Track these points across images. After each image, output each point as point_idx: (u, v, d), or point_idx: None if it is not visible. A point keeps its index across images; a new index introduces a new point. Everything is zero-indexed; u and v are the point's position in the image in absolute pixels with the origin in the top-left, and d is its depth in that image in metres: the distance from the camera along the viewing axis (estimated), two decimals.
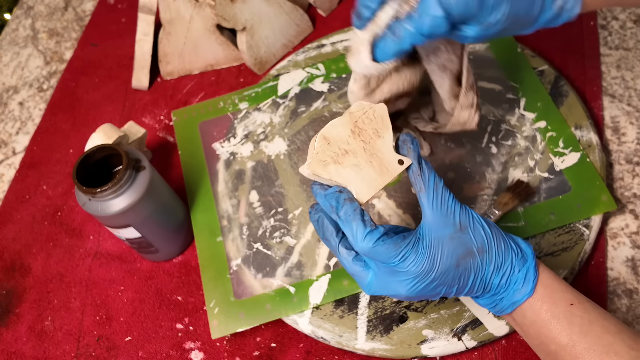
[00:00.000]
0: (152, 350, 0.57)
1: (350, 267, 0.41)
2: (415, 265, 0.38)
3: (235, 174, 0.65)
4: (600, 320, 0.38)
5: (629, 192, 0.59)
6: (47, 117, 0.78)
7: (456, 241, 0.39)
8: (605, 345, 0.37)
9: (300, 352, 0.55)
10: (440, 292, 0.40)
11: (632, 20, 0.71)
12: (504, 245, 0.40)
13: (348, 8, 0.80)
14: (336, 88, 0.70)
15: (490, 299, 0.41)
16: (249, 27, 0.72)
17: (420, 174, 0.40)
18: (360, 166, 0.41)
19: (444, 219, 0.39)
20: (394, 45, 0.40)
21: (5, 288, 0.64)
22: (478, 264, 0.39)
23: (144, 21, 0.74)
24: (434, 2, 0.37)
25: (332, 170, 0.41)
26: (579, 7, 0.39)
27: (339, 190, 0.40)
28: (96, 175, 0.54)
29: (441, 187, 0.40)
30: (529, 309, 0.40)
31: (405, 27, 0.39)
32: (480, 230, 0.40)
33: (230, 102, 0.71)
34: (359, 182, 0.41)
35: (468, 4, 0.37)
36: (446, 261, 0.39)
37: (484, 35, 0.40)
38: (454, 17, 0.38)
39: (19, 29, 0.90)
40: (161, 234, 0.58)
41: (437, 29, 0.38)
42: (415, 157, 0.40)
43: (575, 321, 0.38)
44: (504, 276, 0.40)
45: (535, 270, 0.40)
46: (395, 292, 0.40)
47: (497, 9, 0.38)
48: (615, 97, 0.65)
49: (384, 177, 0.41)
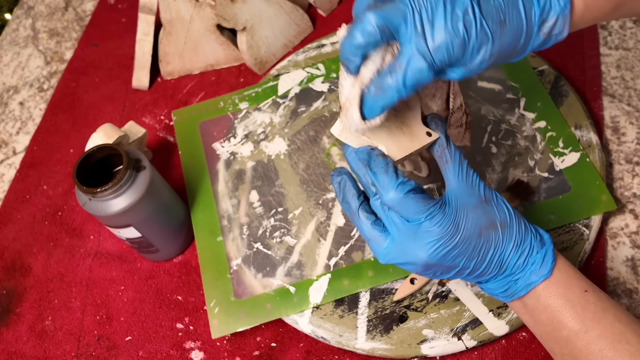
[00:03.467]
0: (153, 350, 0.57)
1: (368, 232, 0.41)
2: (440, 226, 0.39)
3: (236, 174, 0.65)
4: (613, 309, 0.39)
5: (629, 192, 0.59)
6: (48, 117, 0.78)
7: (480, 211, 0.39)
8: (617, 334, 0.37)
9: (300, 351, 0.55)
10: (459, 264, 0.40)
11: (632, 20, 0.71)
12: (525, 227, 0.41)
13: (348, 8, 0.80)
14: (336, 88, 0.70)
15: (504, 280, 0.41)
16: (249, 27, 0.72)
17: (447, 147, 0.41)
18: (391, 129, 0.42)
19: (469, 189, 0.40)
20: (380, 100, 0.38)
21: (5, 288, 0.64)
22: (499, 238, 0.40)
23: (144, 21, 0.74)
24: (415, 53, 0.36)
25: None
26: (567, 30, 0.38)
27: (371, 148, 0.41)
28: (96, 175, 0.54)
29: (466, 163, 0.41)
30: (544, 292, 0.40)
31: (389, 82, 0.37)
32: (503, 206, 0.41)
33: (231, 102, 0.71)
34: (390, 142, 0.41)
35: (450, 51, 0.36)
36: (470, 227, 0.39)
37: (470, 75, 0.39)
38: (437, 65, 0.36)
39: (19, 29, 0.91)
40: (161, 234, 0.59)
41: (421, 80, 0.37)
42: (443, 132, 0.42)
43: (589, 307, 0.39)
44: (522, 255, 0.40)
45: (554, 254, 0.40)
46: (413, 259, 0.40)
47: (481, 49, 0.36)
48: (615, 97, 0.65)
49: (414, 143, 0.42)
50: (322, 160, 0.65)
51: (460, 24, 0.35)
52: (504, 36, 0.36)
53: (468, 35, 0.35)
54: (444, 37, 0.35)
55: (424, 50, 0.36)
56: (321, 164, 0.64)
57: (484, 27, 0.36)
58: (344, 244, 0.58)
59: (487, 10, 0.36)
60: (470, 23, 0.35)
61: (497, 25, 0.36)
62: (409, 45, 0.36)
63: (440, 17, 0.35)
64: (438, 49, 0.36)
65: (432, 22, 0.35)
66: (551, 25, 0.37)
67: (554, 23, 0.37)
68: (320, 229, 0.60)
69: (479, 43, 0.36)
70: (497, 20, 0.36)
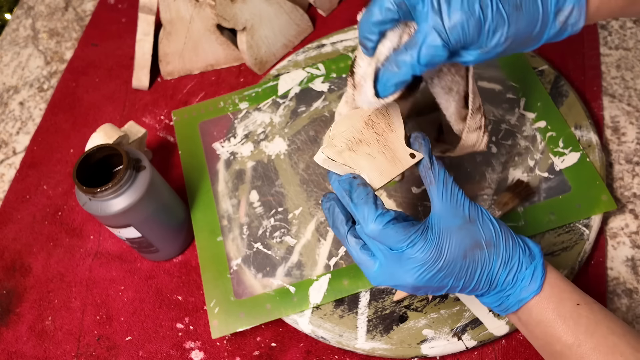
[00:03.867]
0: (153, 350, 0.57)
1: (358, 256, 0.42)
2: (423, 252, 0.39)
3: (236, 174, 0.65)
4: (606, 321, 0.38)
5: (629, 191, 0.59)
6: (48, 117, 0.78)
7: (464, 232, 0.39)
8: (610, 346, 0.37)
9: (300, 351, 0.55)
10: (447, 284, 0.40)
11: (632, 20, 0.71)
12: (512, 242, 0.40)
13: (348, 8, 0.80)
14: (336, 88, 0.70)
15: (496, 296, 0.41)
16: (249, 27, 0.72)
17: (430, 168, 0.41)
18: (373, 155, 0.42)
19: (453, 210, 0.40)
20: (394, 77, 0.39)
21: (5, 288, 0.64)
22: (485, 257, 0.39)
23: (144, 21, 0.74)
24: (431, 31, 0.37)
25: (346, 156, 0.42)
26: (583, 20, 0.38)
27: (353, 177, 0.42)
28: (96, 175, 0.54)
29: (451, 182, 0.41)
30: (535, 308, 0.40)
31: (404, 58, 0.38)
32: (489, 224, 0.40)
33: (231, 102, 0.71)
34: (372, 169, 0.42)
35: (466, 30, 0.36)
36: (454, 250, 0.39)
37: (486, 59, 0.39)
38: (452, 44, 0.37)
39: (19, 29, 0.91)
40: (161, 234, 0.59)
41: (435, 57, 0.37)
42: (426, 152, 0.42)
43: (581, 321, 0.38)
44: (510, 272, 0.40)
45: (543, 269, 0.40)
46: (401, 282, 0.40)
47: (497, 32, 0.37)
48: (615, 97, 0.65)
49: (396, 167, 0.42)
50: None
51: (476, 4, 0.36)
52: (519, 20, 0.37)
53: (484, 16, 0.36)
54: (460, 16, 0.36)
55: (439, 28, 0.36)
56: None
57: (500, 9, 0.36)
58: None
59: None
60: (486, 4, 0.36)
61: (513, 8, 0.36)
62: (425, 23, 0.37)
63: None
64: (454, 27, 0.36)
65: (448, 1, 0.36)
66: (567, 14, 0.38)
67: (569, 12, 0.38)
68: (320, 229, 0.60)
69: (494, 25, 0.37)
70: (513, 4, 0.36)
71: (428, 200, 0.59)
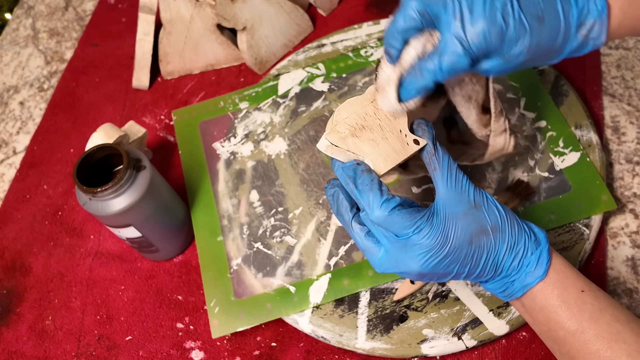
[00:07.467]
0: (153, 350, 0.57)
1: (362, 243, 0.42)
2: (429, 238, 0.39)
3: (236, 174, 0.66)
4: (611, 308, 0.38)
5: (629, 191, 0.59)
6: (48, 117, 0.78)
7: (470, 217, 0.39)
8: (614, 333, 0.37)
9: (300, 351, 0.55)
10: (453, 270, 0.40)
11: None
12: (517, 227, 0.40)
13: (348, 8, 0.80)
14: (336, 88, 0.70)
15: (501, 281, 0.41)
16: (249, 26, 0.72)
17: (434, 154, 0.41)
18: (377, 141, 0.42)
19: (458, 196, 0.40)
20: (417, 82, 0.40)
21: (6, 287, 0.64)
22: (491, 243, 0.39)
23: (145, 21, 0.74)
24: (452, 39, 0.37)
25: (349, 142, 0.42)
26: (604, 35, 0.39)
27: (357, 163, 0.42)
28: (97, 174, 0.54)
29: (455, 167, 0.41)
30: (539, 293, 0.40)
31: (426, 65, 0.39)
32: (494, 209, 0.40)
33: (231, 101, 0.71)
34: (375, 155, 0.42)
35: (488, 38, 0.37)
36: (460, 236, 0.39)
37: (507, 69, 0.40)
38: (475, 52, 0.38)
39: (19, 29, 0.91)
40: (162, 234, 0.59)
41: (458, 65, 0.38)
42: (430, 138, 0.42)
43: (585, 308, 0.38)
44: (516, 257, 0.40)
45: (549, 254, 0.40)
46: (407, 269, 0.40)
47: (519, 41, 0.38)
48: (616, 96, 0.65)
49: (400, 153, 0.42)
50: (322, 159, 0.65)
51: (498, 13, 0.37)
52: (542, 31, 0.38)
53: (506, 25, 0.37)
54: (482, 24, 0.37)
55: (461, 36, 0.37)
56: (321, 163, 0.64)
57: (522, 20, 0.37)
58: (344, 244, 0.58)
59: (526, 5, 0.37)
60: (508, 14, 0.37)
61: (535, 20, 0.37)
62: (447, 31, 0.38)
63: (479, 6, 0.37)
64: (475, 36, 0.37)
65: (471, 10, 0.37)
66: (589, 28, 0.39)
67: (591, 26, 0.38)
68: (321, 229, 0.60)
69: (516, 34, 0.37)
70: (535, 15, 0.37)
71: (428, 200, 0.59)
